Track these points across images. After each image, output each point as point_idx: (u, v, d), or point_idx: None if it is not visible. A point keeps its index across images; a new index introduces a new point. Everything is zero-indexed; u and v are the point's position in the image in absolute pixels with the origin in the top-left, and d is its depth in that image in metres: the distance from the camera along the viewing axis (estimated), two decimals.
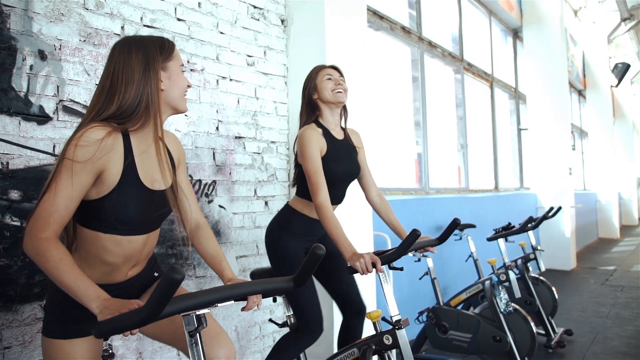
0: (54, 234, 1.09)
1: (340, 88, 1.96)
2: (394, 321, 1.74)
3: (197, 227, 1.44)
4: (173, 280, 0.76)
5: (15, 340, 1.70)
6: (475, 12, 6.31)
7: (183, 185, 1.41)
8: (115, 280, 1.29)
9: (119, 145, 1.18)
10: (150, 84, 1.21)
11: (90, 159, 1.11)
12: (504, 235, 3.48)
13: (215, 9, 2.47)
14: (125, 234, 1.23)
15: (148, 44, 1.25)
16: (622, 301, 4.85)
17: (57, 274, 1.04)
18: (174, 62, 1.28)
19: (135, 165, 1.21)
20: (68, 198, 1.10)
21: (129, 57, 1.21)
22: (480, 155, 6.10)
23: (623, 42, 11.44)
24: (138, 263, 1.33)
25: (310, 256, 1.06)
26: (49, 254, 1.05)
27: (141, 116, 1.20)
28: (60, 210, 1.10)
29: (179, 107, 1.30)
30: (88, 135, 1.12)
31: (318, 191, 1.81)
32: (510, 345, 2.79)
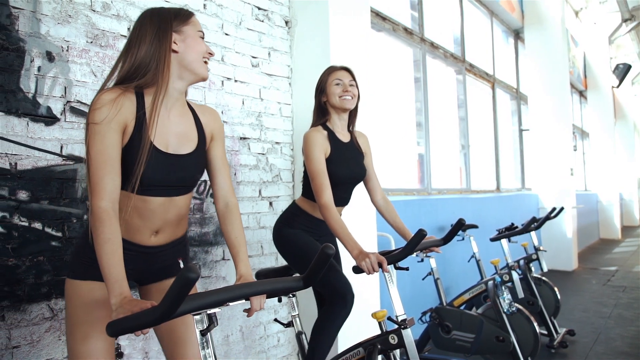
0: (110, 201, 1.14)
1: (347, 95, 1.97)
2: (399, 321, 1.75)
3: (225, 207, 1.43)
4: (188, 280, 0.77)
5: (23, 339, 1.71)
6: (476, 13, 6.32)
7: (217, 160, 1.42)
8: (137, 241, 1.30)
9: (130, 103, 1.22)
10: (161, 44, 1.24)
11: (107, 117, 1.16)
12: (507, 236, 3.49)
13: (220, 10, 2.49)
14: (138, 193, 1.23)
15: (165, 10, 1.31)
16: (624, 302, 4.86)
17: (100, 251, 1.09)
18: (190, 27, 1.30)
19: (146, 122, 1.23)
20: (109, 160, 1.15)
21: (145, 22, 1.27)
22: (482, 156, 6.11)
23: (624, 43, 11.45)
24: (161, 230, 1.33)
25: (320, 255, 1.07)
26: (103, 228, 1.11)
27: (152, 75, 1.24)
28: (108, 174, 1.14)
29: (197, 71, 1.31)
30: (101, 98, 1.18)
31: (322, 192, 1.83)
32: (514, 345, 2.80)
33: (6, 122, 1.70)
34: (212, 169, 1.43)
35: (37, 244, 1.76)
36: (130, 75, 1.24)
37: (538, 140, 7.07)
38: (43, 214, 1.78)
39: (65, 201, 1.85)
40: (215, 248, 2.40)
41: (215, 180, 1.43)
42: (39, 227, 1.77)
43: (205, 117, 1.41)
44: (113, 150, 1.16)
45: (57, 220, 1.82)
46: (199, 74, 1.32)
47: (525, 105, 7.56)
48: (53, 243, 1.80)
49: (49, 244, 1.79)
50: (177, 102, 1.33)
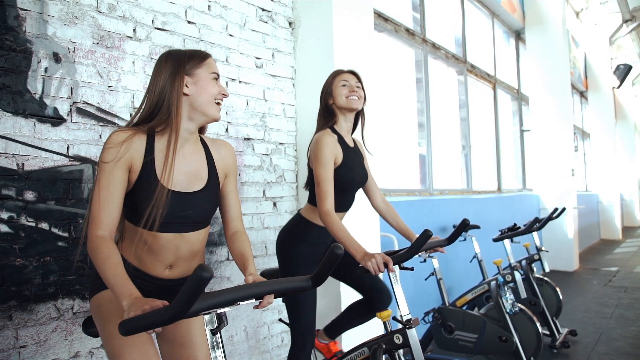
0: (107, 231, 1.22)
1: (354, 95, 1.96)
2: (404, 320, 1.76)
3: (234, 234, 1.49)
4: (202, 279, 0.78)
5: (30, 339, 1.72)
6: (478, 14, 6.33)
7: (230, 196, 1.49)
8: (153, 273, 1.35)
9: (140, 145, 1.29)
10: (173, 87, 1.29)
11: (116, 158, 1.24)
12: (509, 236, 3.50)
13: (225, 11, 2.50)
14: (150, 229, 1.28)
15: (181, 53, 1.35)
16: (625, 302, 4.86)
17: (102, 269, 1.15)
18: (203, 69, 1.34)
19: (154, 163, 1.29)
20: (110, 196, 1.23)
21: (161, 65, 1.33)
22: (483, 157, 6.12)
23: (625, 44, 11.46)
24: (174, 265, 1.36)
25: (329, 255, 1.08)
26: (99, 250, 1.17)
27: (163, 117, 1.29)
28: (107, 208, 1.22)
29: (207, 113, 1.35)
30: (112, 139, 1.26)
31: (325, 199, 1.82)
32: (516, 345, 2.80)
33: (13, 123, 1.71)
34: (224, 203, 1.49)
35: (43, 244, 1.77)
36: (146, 117, 1.31)
37: (539, 141, 7.07)
38: (50, 214, 1.79)
39: (71, 201, 1.86)
40: (219, 248, 2.41)
41: (227, 214, 1.49)
42: (46, 228, 1.78)
43: (219, 154, 1.45)
44: (115, 188, 1.24)
45: (63, 220, 1.83)
46: (209, 116, 1.36)
47: (526, 105, 7.57)
48: (59, 243, 1.81)
49: (55, 244, 1.80)
50: (188, 142, 1.37)
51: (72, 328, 1.84)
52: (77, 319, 1.85)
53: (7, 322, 1.67)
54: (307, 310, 1.92)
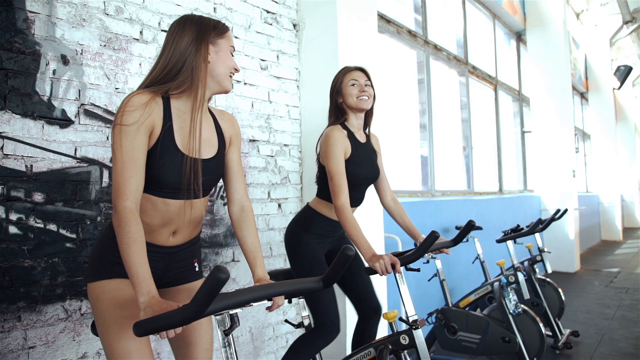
0: (135, 202, 1.16)
1: (364, 95, 1.97)
2: (410, 321, 1.77)
3: (241, 211, 1.46)
4: (219, 280, 0.79)
5: (39, 340, 1.73)
6: (479, 16, 6.35)
7: (233, 165, 1.45)
8: (157, 242, 1.32)
9: (159, 109, 1.24)
10: (198, 52, 1.26)
11: (139, 121, 1.18)
12: (513, 237, 3.50)
13: (230, 13, 2.51)
14: (161, 196, 1.26)
15: (204, 19, 1.33)
16: (627, 303, 4.87)
17: (127, 251, 1.11)
18: (225, 40, 1.33)
19: (173, 129, 1.26)
20: (133, 161, 1.17)
21: (182, 27, 1.29)
22: (485, 158, 6.13)
23: (625, 45, 11.48)
24: (178, 231, 1.35)
25: (340, 257, 1.09)
26: (129, 228, 1.12)
27: (185, 81, 1.26)
28: (134, 175, 1.17)
29: (222, 84, 1.34)
30: (133, 101, 1.20)
31: (340, 193, 1.83)
32: (520, 346, 2.81)
33: (22, 125, 1.72)
34: (228, 173, 1.46)
35: (52, 245, 1.78)
36: (163, 77, 1.26)
37: (540, 142, 7.09)
38: (58, 216, 1.80)
39: (79, 203, 1.87)
40: (225, 250, 2.42)
41: (231, 184, 1.46)
42: (54, 229, 1.79)
43: (225, 123, 1.44)
44: (140, 153, 1.18)
45: (71, 222, 1.84)
46: (223, 86, 1.36)
47: (527, 107, 7.59)
48: (67, 245, 1.82)
49: (63, 245, 1.81)
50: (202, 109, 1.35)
51: (80, 329, 1.85)
52: (85, 320, 1.86)
53: (16, 323, 1.68)
54: (328, 302, 1.92)
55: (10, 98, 1.70)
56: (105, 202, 1.94)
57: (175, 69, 1.26)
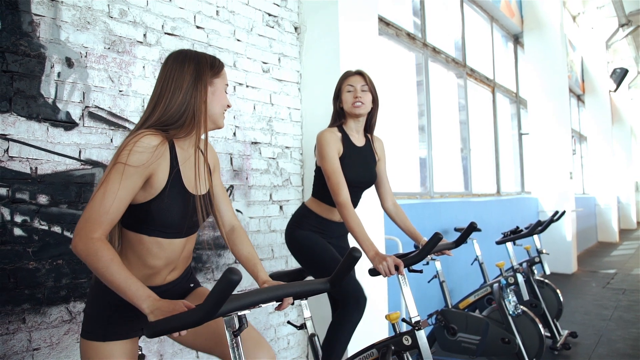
0: (104, 234, 1.13)
1: (358, 101, 1.99)
2: (413, 322, 1.78)
3: (232, 230, 1.49)
4: (232, 281, 0.81)
5: (43, 342, 1.74)
6: (477, 19, 6.39)
7: (218, 190, 1.47)
8: (154, 284, 1.33)
9: (167, 153, 1.25)
10: (198, 95, 1.27)
11: (144, 164, 1.17)
12: (512, 239, 3.53)
13: (233, 16, 2.52)
14: (168, 237, 1.28)
15: (200, 58, 1.32)
16: (624, 304, 4.91)
17: (108, 273, 1.08)
18: (220, 79, 1.34)
19: (180, 172, 1.28)
20: (118, 200, 1.14)
21: (181, 67, 1.28)
22: (482, 160, 6.16)
23: (621, 48, 11.56)
24: (176, 267, 1.38)
25: (347, 258, 1.10)
26: (101, 253, 1.09)
27: (188, 125, 1.27)
28: (111, 212, 1.13)
29: (217, 122, 1.36)
30: (143, 142, 1.18)
31: (339, 190, 1.85)
32: (519, 347, 2.83)
33: (27, 127, 1.73)
34: (215, 198, 1.47)
35: (56, 247, 1.79)
36: (167, 120, 1.25)
37: (537, 144, 7.13)
38: (62, 218, 1.81)
39: (83, 205, 1.87)
40: (227, 252, 2.43)
41: (218, 207, 1.48)
42: (58, 231, 1.80)
43: (208, 153, 1.45)
44: (128, 195, 1.17)
45: (75, 224, 1.84)
46: (217, 124, 1.37)
47: (524, 109, 7.63)
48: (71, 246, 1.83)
49: (68, 247, 1.82)
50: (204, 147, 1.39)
51: None
52: None
53: (21, 325, 1.69)
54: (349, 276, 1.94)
55: (15, 100, 1.70)
56: None
57: (179, 113, 1.25)
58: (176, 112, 1.25)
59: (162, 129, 1.25)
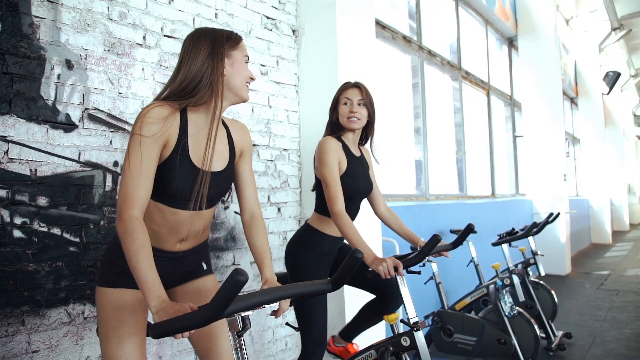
0: (141, 210, 1.18)
1: (354, 116, 1.97)
2: (412, 323, 1.80)
3: (251, 218, 1.49)
4: (238, 282, 0.81)
5: (42, 344, 1.74)
6: (472, 22, 6.44)
7: (245, 175, 1.48)
8: (163, 248, 1.35)
9: (176, 123, 1.27)
10: (214, 66, 1.29)
11: (157, 134, 1.21)
12: (508, 241, 3.55)
13: (231, 19, 2.53)
14: (170, 206, 1.30)
15: (217, 32, 1.35)
16: (618, 305, 4.95)
17: (135, 258, 1.12)
18: (238, 51, 1.35)
19: (188, 142, 1.28)
20: (144, 171, 1.19)
21: (197, 42, 1.31)
22: (477, 162, 6.20)
23: (613, 51, 11.68)
24: (186, 239, 1.38)
25: (348, 260, 1.11)
26: (136, 235, 1.13)
27: (203, 95, 1.28)
28: (143, 186, 1.19)
29: (240, 94, 1.37)
30: (153, 113, 1.22)
31: (336, 199, 1.84)
32: (515, 347, 2.85)
33: (27, 129, 1.73)
34: (240, 183, 1.49)
35: (56, 249, 1.79)
36: (180, 91, 1.28)
37: (532, 147, 7.18)
38: (62, 220, 1.81)
39: (83, 207, 1.88)
40: (226, 253, 2.44)
41: (243, 193, 1.50)
42: (58, 233, 1.80)
43: (237, 134, 1.47)
44: (152, 165, 1.21)
45: (75, 225, 1.85)
46: (241, 97, 1.38)
47: (519, 112, 7.69)
48: (71, 248, 1.83)
49: (67, 249, 1.82)
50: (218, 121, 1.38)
51: (83, 333, 1.85)
52: (88, 324, 1.87)
53: (20, 327, 1.69)
54: (319, 319, 1.92)
55: (15, 102, 1.71)
56: (108, 206, 1.95)
57: (193, 84, 1.28)
58: (191, 83, 1.27)
59: (177, 99, 1.27)
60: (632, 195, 18.31)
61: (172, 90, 1.29)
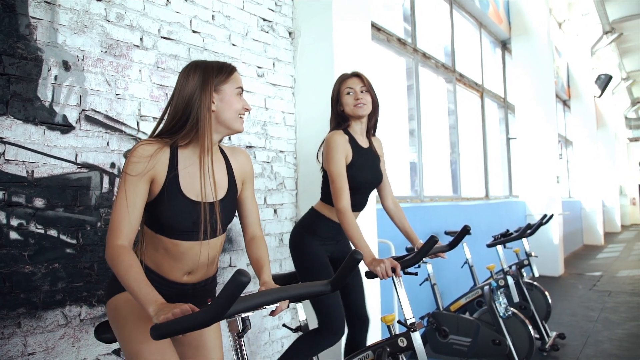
0: (127, 241, 1.23)
1: (360, 102, 2.00)
2: (408, 324, 1.81)
3: (252, 239, 1.53)
4: (241, 283, 0.82)
5: (38, 346, 1.73)
6: (466, 25, 6.48)
7: (247, 202, 1.52)
8: (171, 279, 1.37)
9: (165, 159, 1.30)
10: (201, 103, 1.31)
11: (142, 172, 1.26)
12: (503, 242, 3.58)
13: (228, 21, 2.54)
14: (169, 237, 1.32)
15: (207, 66, 1.36)
16: (610, 306, 4.99)
17: (125, 277, 1.16)
18: (229, 85, 1.36)
19: (179, 177, 1.31)
20: (131, 206, 1.24)
21: (187, 78, 1.34)
22: (471, 164, 6.24)
23: (605, 54, 11.80)
24: (194, 272, 1.39)
25: (348, 261, 1.12)
26: (121, 259, 1.18)
27: (191, 132, 1.31)
28: (128, 219, 1.24)
29: (232, 127, 1.39)
30: (138, 152, 1.27)
31: (341, 196, 1.87)
32: (510, 348, 2.87)
33: (24, 130, 1.73)
34: (242, 210, 1.52)
35: (52, 251, 1.78)
36: (171, 128, 1.33)
37: (525, 149, 7.23)
38: (58, 221, 1.80)
39: (79, 208, 1.87)
40: (222, 255, 2.44)
41: (245, 219, 1.53)
42: (55, 235, 1.79)
43: (237, 162, 1.48)
44: (137, 199, 1.26)
45: (72, 227, 1.84)
46: (234, 129, 1.40)
47: (512, 114, 7.74)
48: (68, 250, 1.83)
49: (64, 251, 1.81)
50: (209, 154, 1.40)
51: (80, 335, 1.85)
52: (84, 326, 1.86)
53: (16, 329, 1.68)
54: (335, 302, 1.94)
55: (12, 103, 1.70)
56: (105, 208, 1.95)
57: (182, 120, 1.32)
58: (180, 118, 1.31)
59: (168, 136, 1.32)
60: (624, 197, 18.51)
61: (165, 127, 1.34)
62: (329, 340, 1.95)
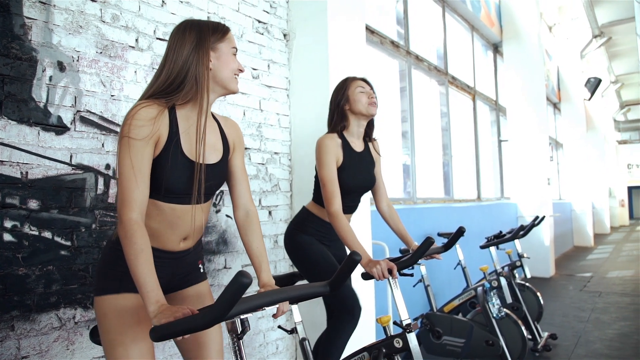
0: (141, 213, 1.18)
1: (374, 101, 2.04)
2: (404, 325, 1.81)
3: (246, 216, 1.48)
4: (242, 284, 0.82)
5: (32, 349, 1.71)
6: (458, 28, 6.53)
7: (237, 170, 1.47)
8: (166, 248, 1.33)
9: (165, 121, 1.26)
10: (199, 61, 1.28)
11: (148, 135, 1.20)
12: (496, 243, 3.61)
13: (223, 22, 2.53)
14: (167, 201, 1.28)
15: (202, 24, 1.33)
16: (600, 306, 5.05)
17: (135, 262, 1.12)
18: (225, 44, 1.34)
19: (180, 137, 1.28)
20: (138, 173, 1.18)
21: (182, 35, 1.30)
22: (463, 166, 6.28)
23: (594, 58, 11.95)
24: (189, 237, 1.37)
25: (347, 262, 1.13)
26: (135, 239, 1.13)
27: (190, 91, 1.28)
28: (140, 187, 1.18)
29: (228, 87, 1.36)
30: (141, 114, 1.21)
31: (332, 199, 1.88)
32: (503, 349, 2.90)
33: (18, 131, 1.71)
34: (232, 179, 1.48)
35: (46, 253, 1.76)
36: (167, 88, 1.27)
37: (516, 151, 7.30)
38: (53, 223, 1.79)
39: (74, 210, 1.86)
40: (217, 257, 2.43)
41: (235, 189, 1.48)
42: (49, 237, 1.78)
43: (229, 129, 1.47)
44: (146, 166, 1.21)
45: (66, 229, 1.83)
46: (229, 89, 1.37)
47: (504, 116, 7.81)
48: (62, 252, 1.81)
49: (58, 253, 1.80)
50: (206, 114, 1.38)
51: (74, 338, 1.83)
52: (79, 329, 1.85)
53: (10, 332, 1.66)
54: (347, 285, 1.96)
55: (6, 104, 1.68)
56: (100, 210, 1.93)
57: (179, 80, 1.27)
58: (176, 78, 1.27)
59: (164, 97, 1.26)
60: (613, 198, 18.72)
61: (158, 87, 1.28)
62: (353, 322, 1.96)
